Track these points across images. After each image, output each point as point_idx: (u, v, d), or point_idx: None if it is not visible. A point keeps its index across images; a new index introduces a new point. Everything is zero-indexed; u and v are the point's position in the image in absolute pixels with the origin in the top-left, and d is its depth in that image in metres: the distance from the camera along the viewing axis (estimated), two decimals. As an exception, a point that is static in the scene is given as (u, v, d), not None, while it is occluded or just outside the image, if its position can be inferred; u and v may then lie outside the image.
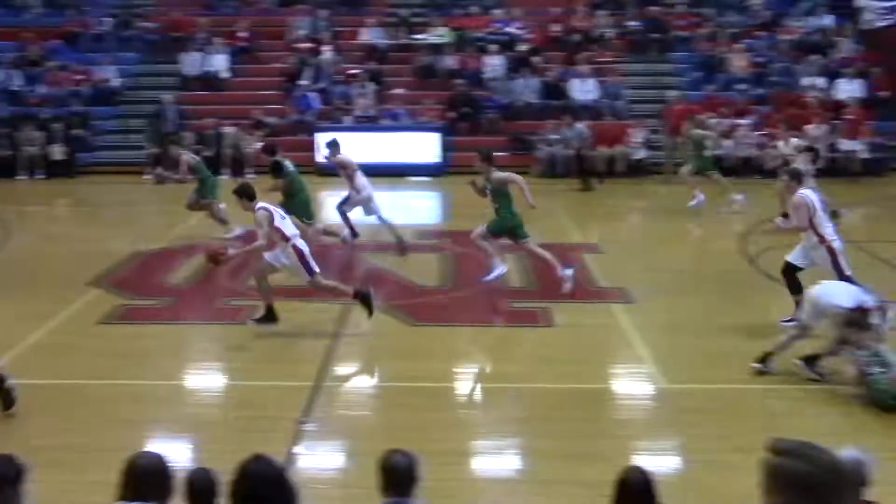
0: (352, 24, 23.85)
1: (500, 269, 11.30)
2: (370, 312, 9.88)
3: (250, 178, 19.78)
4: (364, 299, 9.91)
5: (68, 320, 10.35)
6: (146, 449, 4.37)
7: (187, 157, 14.79)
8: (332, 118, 21.10)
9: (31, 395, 8.33)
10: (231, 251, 9.83)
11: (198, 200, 14.57)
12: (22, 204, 18.23)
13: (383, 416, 8.06)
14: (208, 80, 22.37)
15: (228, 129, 20.37)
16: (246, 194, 9.82)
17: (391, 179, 19.16)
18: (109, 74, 22.20)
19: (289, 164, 13.18)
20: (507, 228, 11.32)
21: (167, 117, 20.67)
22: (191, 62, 22.43)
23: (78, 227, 14.67)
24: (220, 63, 22.47)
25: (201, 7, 24.65)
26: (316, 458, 7.17)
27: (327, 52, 22.57)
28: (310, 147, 20.21)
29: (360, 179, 13.50)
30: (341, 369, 9.07)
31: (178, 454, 6.70)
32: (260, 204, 9.69)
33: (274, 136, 20.68)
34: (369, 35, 23.35)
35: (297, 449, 7.12)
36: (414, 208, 18.07)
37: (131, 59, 23.11)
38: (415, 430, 7.33)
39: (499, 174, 11.38)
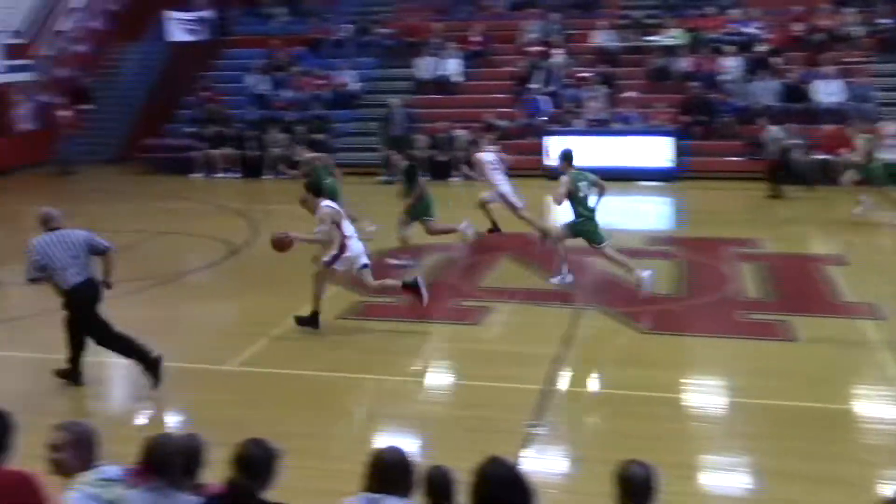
0: (583, 27, 23.79)
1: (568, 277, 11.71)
2: (307, 323, 10.08)
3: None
4: (312, 317, 10.12)
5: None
6: (389, 444, 4.53)
7: (304, 158, 15.20)
8: (562, 121, 21.11)
9: (275, 384, 8.90)
10: (293, 234, 10.19)
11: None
12: (267, 203, 19.39)
13: (612, 423, 8.00)
14: (441, 84, 22.94)
15: (460, 133, 20.80)
16: (313, 189, 10.31)
17: (622, 184, 18.97)
18: (349, 79, 23.22)
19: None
20: (584, 230, 11.49)
21: (394, 121, 21.34)
22: (425, 66, 23.08)
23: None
24: (452, 67, 23.00)
25: (436, 13, 25.33)
26: (545, 463, 7.21)
27: (558, 56, 22.61)
28: (538, 150, 20.36)
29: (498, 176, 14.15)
30: (570, 374, 9.05)
31: (412, 450, 6.92)
32: (325, 202, 10.06)
33: (504, 140, 21.04)
34: (601, 38, 23.20)
35: (526, 452, 7.19)
36: (645, 213, 17.83)
37: (369, 63, 24.06)
38: (643, 440, 7.25)
39: (566, 178, 11.44)
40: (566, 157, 11.77)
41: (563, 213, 12.66)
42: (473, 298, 11.41)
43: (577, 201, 11.39)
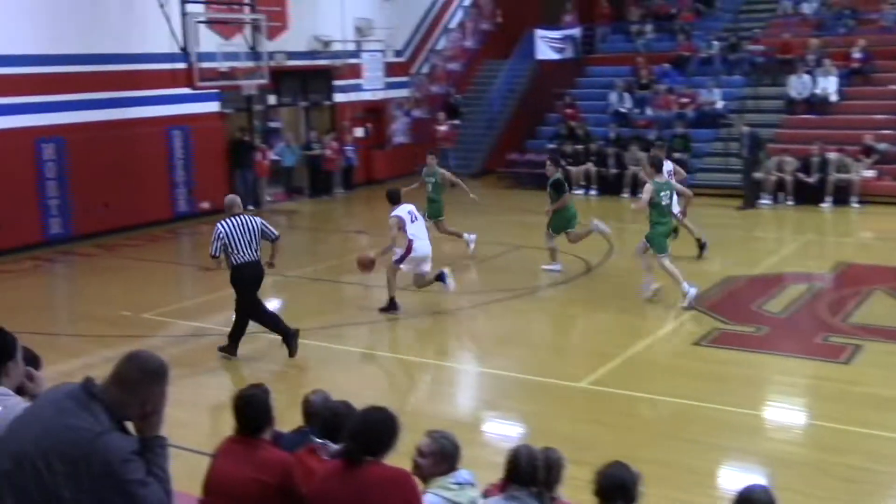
0: None
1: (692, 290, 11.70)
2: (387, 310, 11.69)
3: (855, 207, 18.97)
4: (390, 303, 11.74)
5: (665, 338, 10.79)
6: (756, 482, 4.33)
7: (448, 174, 15.39)
8: (954, 145, 19.27)
9: (625, 406, 8.84)
10: (372, 255, 11.78)
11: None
12: (622, 221, 19.38)
13: None
14: (815, 104, 21.76)
15: (833, 155, 19.61)
16: (389, 198, 11.94)
17: None
18: (714, 97, 22.67)
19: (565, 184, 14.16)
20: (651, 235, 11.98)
21: (743, 143, 20.50)
22: (798, 85, 22.00)
23: (673, 247, 15.12)
24: (829, 85, 21.73)
25: (812, 28, 24.09)
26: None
27: (954, 73, 20.67)
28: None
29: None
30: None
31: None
32: (395, 211, 11.59)
33: (883, 164, 19.59)
34: None
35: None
36: None
37: (737, 81, 23.36)
38: None
39: (650, 185, 11.97)
40: (655, 164, 12.46)
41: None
42: (842, 334, 10.68)
43: (656, 208, 11.90)
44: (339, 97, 23.96)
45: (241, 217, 9.96)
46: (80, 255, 16.54)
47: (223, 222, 9.90)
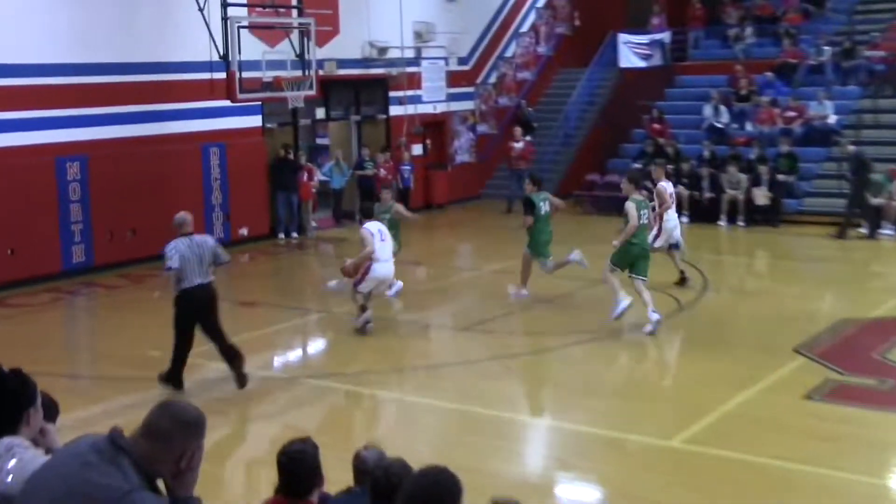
0: None
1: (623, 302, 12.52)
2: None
3: None
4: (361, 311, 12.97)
5: (770, 389, 10.58)
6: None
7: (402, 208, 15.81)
8: None
9: (723, 470, 8.68)
10: (348, 261, 12.96)
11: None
12: (719, 252, 19.20)
13: None
14: (942, 118, 21.46)
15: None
16: (363, 213, 14.05)
17: None
18: (826, 111, 22.38)
19: (542, 204, 14.62)
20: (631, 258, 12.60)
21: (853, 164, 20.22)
22: (924, 96, 21.70)
23: (778, 283, 14.99)
24: (961, 97, 21.40)
25: (942, 31, 23.77)
26: None
27: None
28: None
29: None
30: None
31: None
32: (366, 225, 13.09)
33: None
34: None
35: None
36: None
37: (852, 93, 23.09)
38: None
39: (632, 203, 12.54)
40: (633, 180, 13.14)
41: None
42: None
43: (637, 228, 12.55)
44: (395, 110, 24.12)
45: (193, 237, 10.45)
46: (103, 287, 16.80)
47: (174, 242, 10.33)
